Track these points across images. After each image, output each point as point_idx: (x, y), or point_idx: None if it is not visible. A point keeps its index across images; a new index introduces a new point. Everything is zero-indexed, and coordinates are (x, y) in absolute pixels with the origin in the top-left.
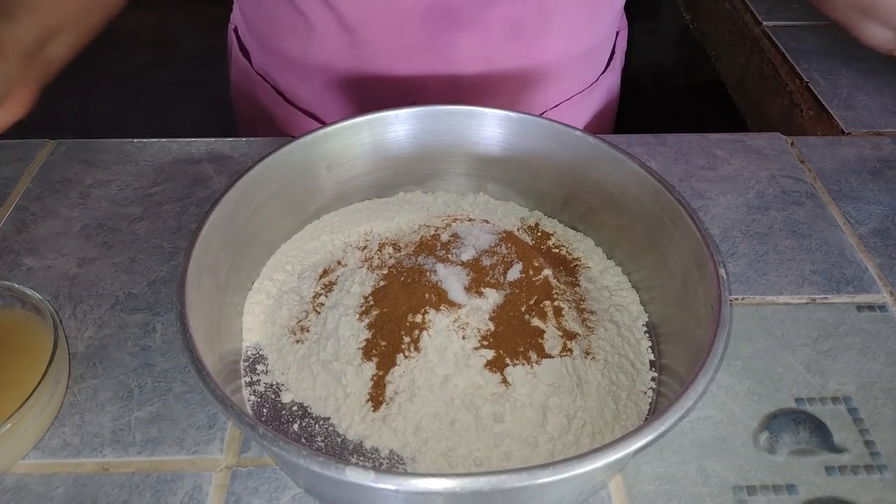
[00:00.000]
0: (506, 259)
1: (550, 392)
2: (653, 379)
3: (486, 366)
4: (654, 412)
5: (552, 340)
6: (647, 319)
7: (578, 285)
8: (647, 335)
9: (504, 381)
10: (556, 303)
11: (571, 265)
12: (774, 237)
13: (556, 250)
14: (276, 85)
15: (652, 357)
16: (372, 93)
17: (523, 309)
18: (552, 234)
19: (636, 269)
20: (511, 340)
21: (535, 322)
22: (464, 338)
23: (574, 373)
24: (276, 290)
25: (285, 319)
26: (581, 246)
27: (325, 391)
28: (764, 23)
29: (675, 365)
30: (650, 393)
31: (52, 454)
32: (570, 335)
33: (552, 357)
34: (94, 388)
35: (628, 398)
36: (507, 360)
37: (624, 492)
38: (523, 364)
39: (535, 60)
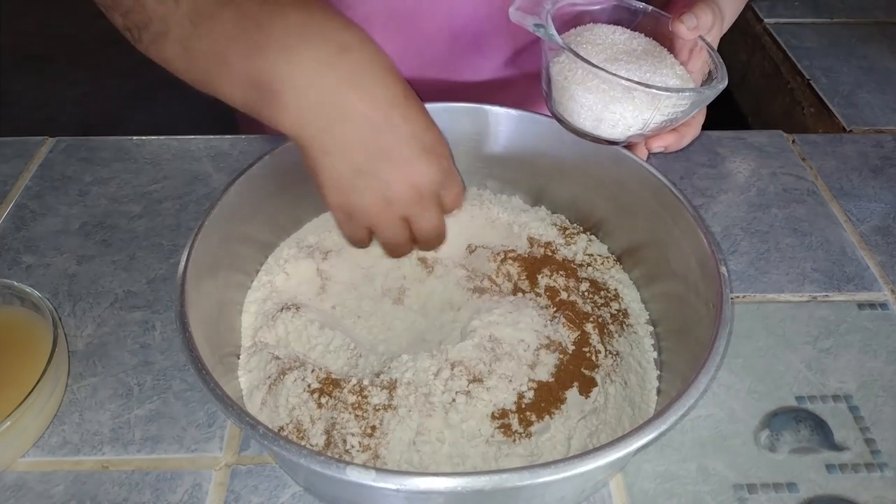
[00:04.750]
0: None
1: (578, 419)
2: (656, 377)
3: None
4: (655, 410)
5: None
6: (648, 317)
7: (580, 283)
8: (649, 333)
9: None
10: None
11: (572, 264)
12: (776, 235)
13: (557, 253)
14: None
15: (654, 355)
16: None
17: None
18: (552, 242)
19: (637, 267)
20: (544, 400)
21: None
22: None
23: (602, 393)
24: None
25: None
26: (582, 244)
27: (304, 414)
28: (765, 20)
29: (676, 363)
30: (653, 392)
31: (51, 452)
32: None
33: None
34: (94, 386)
35: (642, 400)
36: (533, 418)
37: (624, 490)
38: (548, 415)
39: None
